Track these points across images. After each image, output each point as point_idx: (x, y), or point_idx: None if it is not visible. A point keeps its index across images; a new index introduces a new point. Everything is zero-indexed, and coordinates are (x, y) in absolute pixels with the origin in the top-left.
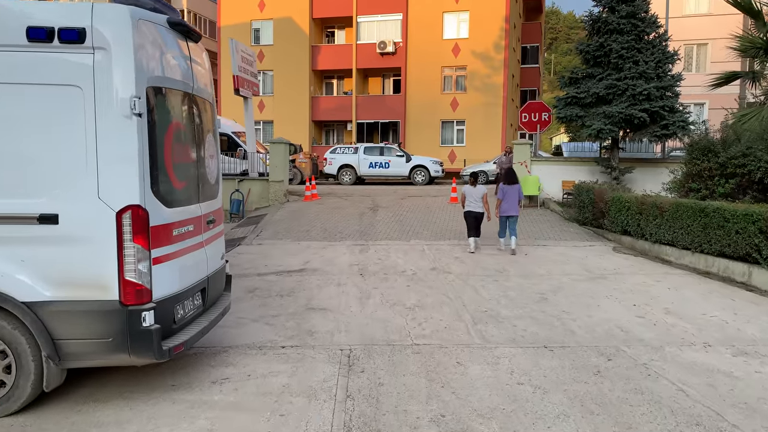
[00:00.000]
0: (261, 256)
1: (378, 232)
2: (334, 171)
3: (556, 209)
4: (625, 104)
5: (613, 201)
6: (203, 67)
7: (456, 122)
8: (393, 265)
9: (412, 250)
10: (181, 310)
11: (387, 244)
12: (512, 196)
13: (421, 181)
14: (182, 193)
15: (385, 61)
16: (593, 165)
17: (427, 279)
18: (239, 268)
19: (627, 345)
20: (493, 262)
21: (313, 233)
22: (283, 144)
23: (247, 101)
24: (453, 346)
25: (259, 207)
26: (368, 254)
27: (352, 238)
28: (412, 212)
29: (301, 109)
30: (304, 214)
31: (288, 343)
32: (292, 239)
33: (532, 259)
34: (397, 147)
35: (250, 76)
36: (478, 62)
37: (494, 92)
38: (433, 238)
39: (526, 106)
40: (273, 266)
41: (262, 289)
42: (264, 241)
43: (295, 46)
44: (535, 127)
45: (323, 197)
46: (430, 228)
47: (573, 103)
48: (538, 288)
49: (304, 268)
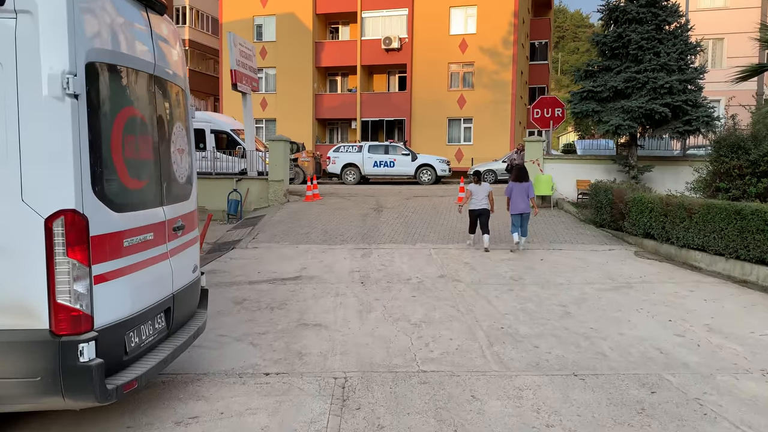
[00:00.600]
0: (255, 262)
1: (382, 235)
2: (337, 170)
3: (571, 210)
4: (645, 98)
5: (635, 202)
6: (171, 45)
7: (463, 120)
8: (397, 272)
9: (418, 254)
10: (136, 337)
11: (391, 248)
12: (522, 193)
13: (427, 180)
14: (138, 195)
15: (391, 58)
16: (609, 163)
17: (435, 288)
18: (229, 275)
19: (670, 372)
20: (507, 269)
21: (313, 236)
22: (283, 142)
23: (245, 97)
24: (466, 373)
25: (258, 207)
26: (371, 259)
27: (353, 241)
28: (417, 213)
29: (304, 106)
30: (305, 215)
31: (273, 368)
32: (290, 242)
33: (548, 265)
34: (402, 145)
35: (249, 70)
36: (485, 58)
37: (503, 89)
38: (441, 241)
39: (538, 101)
40: (267, 273)
41: (252, 301)
42: (260, 245)
43: (298, 43)
44: (547, 124)
45: (325, 197)
46: (438, 230)
47: (589, 98)
48: (558, 299)
49: (300, 276)
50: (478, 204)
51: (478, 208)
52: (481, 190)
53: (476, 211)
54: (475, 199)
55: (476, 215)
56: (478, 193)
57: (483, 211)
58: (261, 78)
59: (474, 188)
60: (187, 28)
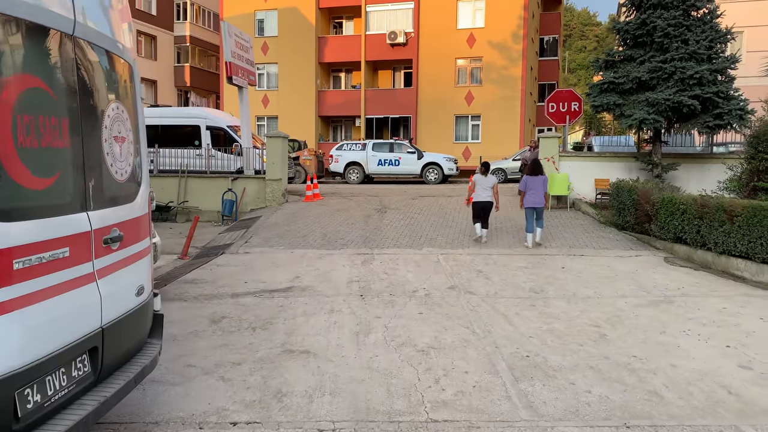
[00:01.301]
0: (243, 269)
1: (385, 239)
2: (340, 169)
3: (589, 211)
4: (673, 90)
5: (664, 203)
6: (109, 4)
7: (471, 117)
8: (401, 282)
9: (424, 260)
10: (37, 394)
11: (395, 253)
12: (537, 187)
13: (433, 179)
14: (42, 196)
15: (396, 53)
16: (631, 161)
17: (445, 303)
18: (212, 286)
19: (750, 423)
20: (526, 278)
21: (311, 239)
22: (281, 138)
23: (242, 91)
24: (488, 424)
25: (255, 208)
26: (372, 266)
27: (354, 245)
28: (424, 214)
29: (307, 103)
30: (303, 216)
31: (244, 415)
32: (285, 246)
33: (572, 273)
34: (408, 143)
35: (246, 63)
36: (494, 53)
37: (512, 85)
38: (450, 245)
39: (553, 94)
40: (254, 283)
41: (232, 319)
42: (252, 249)
43: (301, 38)
44: (563, 119)
45: (326, 197)
46: (446, 233)
47: (609, 90)
48: (589, 317)
49: (291, 286)
50: (482, 196)
51: (483, 201)
52: (486, 182)
53: (480, 203)
54: (479, 190)
55: (480, 207)
56: (482, 183)
57: (487, 204)
58: (263, 74)
59: (479, 179)
60: (188, 24)
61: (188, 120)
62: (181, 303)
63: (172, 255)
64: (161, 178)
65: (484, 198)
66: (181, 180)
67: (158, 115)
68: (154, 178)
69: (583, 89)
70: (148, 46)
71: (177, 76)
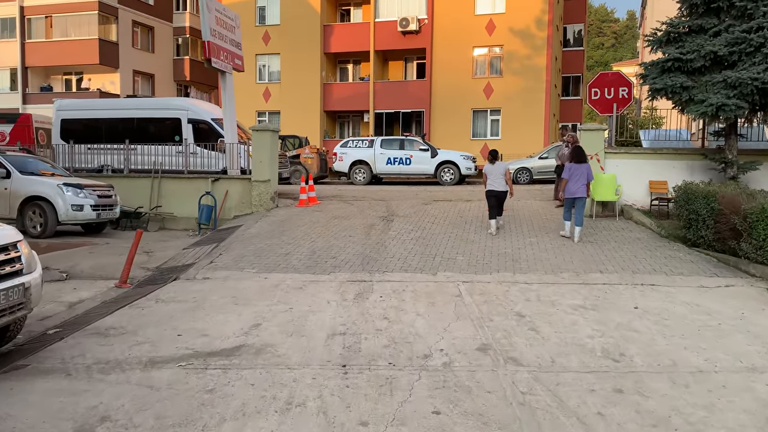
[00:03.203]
0: (188, 310)
1: (389, 258)
2: (345, 168)
3: (645, 221)
4: (761, 67)
5: (763, 215)
6: None
7: (490, 111)
8: (408, 337)
9: (440, 293)
10: None
11: (401, 280)
12: (580, 175)
13: (449, 180)
14: None
15: (408, 42)
16: (695, 158)
17: (476, 387)
18: (128, 341)
19: None
20: (589, 329)
21: (295, 258)
22: (269, 132)
23: (224, 76)
24: None
25: (239, 214)
26: (368, 305)
27: (349, 267)
28: (439, 224)
29: (311, 97)
30: (293, 225)
31: None
32: (259, 269)
33: (651, 319)
34: (420, 140)
35: (230, 44)
36: (516, 41)
37: (536, 76)
38: (473, 267)
39: (597, 78)
40: (191, 337)
41: (114, 425)
42: (215, 273)
43: (305, 27)
44: (609, 107)
45: (324, 201)
46: (467, 249)
47: (674, 69)
48: (723, 420)
49: (242, 345)
50: (494, 185)
51: (496, 190)
52: (496, 170)
53: (494, 192)
54: (491, 180)
55: (493, 197)
56: (492, 172)
57: (501, 193)
58: (264, 66)
59: (489, 169)
60: (188, 15)
61: (168, 112)
62: (57, 381)
63: (113, 280)
64: (132, 179)
65: (497, 187)
66: (155, 181)
67: (134, 106)
68: (124, 179)
69: None
70: (144, 38)
71: (176, 70)
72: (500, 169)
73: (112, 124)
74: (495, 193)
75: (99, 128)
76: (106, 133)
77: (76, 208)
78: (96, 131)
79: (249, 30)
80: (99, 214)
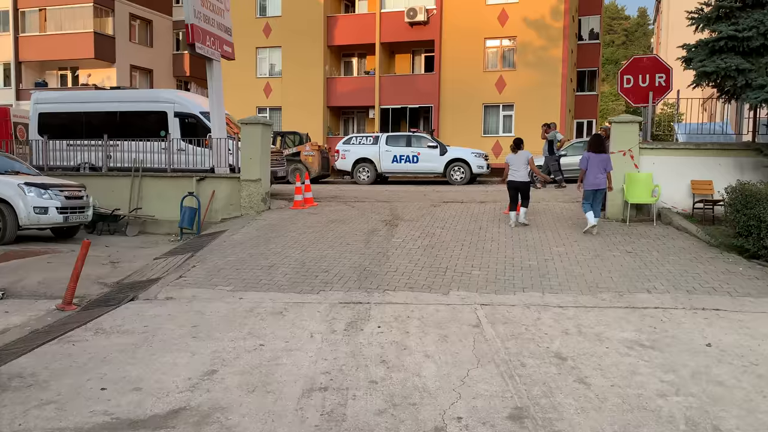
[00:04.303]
0: (126, 348)
1: (392, 271)
2: (348, 167)
3: (688, 227)
4: None
5: None
6: None
7: (502, 106)
8: (411, 396)
9: (454, 322)
10: None
11: (405, 302)
12: (599, 165)
13: (459, 179)
14: None
15: (416, 33)
16: (746, 154)
17: None
18: (30, 401)
19: None
20: (654, 379)
21: (279, 273)
22: (260, 126)
23: (211, 64)
24: None
25: (227, 217)
26: (361, 339)
27: (343, 284)
28: (450, 229)
29: (314, 92)
30: (283, 231)
31: None
32: (234, 286)
33: (735, 361)
34: (429, 136)
35: (219, 29)
36: (530, 32)
37: (551, 69)
38: (493, 285)
39: (629, 63)
40: (113, 396)
41: None
42: (180, 292)
43: (308, 18)
44: (644, 97)
45: (322, 203)
46: (484, 261)
47: (726, 50)
48: None
49: (181, 409)
50: (516, 175)
51: (517, 180)
52: (518, 159)
53: (515, 183)
54: (512, 170)
55: (514, 188)
56: (515, 162)
57: (522, 184)
58: (264, 60)
59: (511, 158)
60: None
61: (153, 105)
62: None
63: (59, 300)
64: (111, 179)
65: (518, 178)
66: (135, 180)
67: (117, 99)
68: (102, 178)
69: (611, 85)
70: (142, 32)
71: (176, 65)
72: (523, 158)
73: (93, 118)
74: (516, 183)
75: (79, 123)
76: (87, 128)
77: (39, 211)
78: (76, 126)
79: (249, 22)
80: (67, 217)
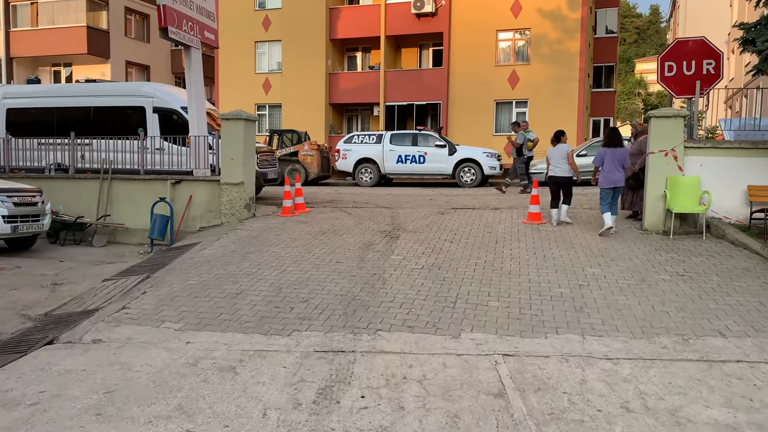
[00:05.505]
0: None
1: (387, 302)
2: (349, 167)
3: (748, 243)
4: None
5: None
6: None
7: (515, 103)
8: None
9: (468, 389)
10: None
11: (402, 351)
12: (616, 162)
13: (470, 181)
14: None
15: (423, 26)
16: None
17: None
18: None
19: None
20: None
21: (246, 303)
22: (242, 121)
23: (188, 52)
24: None
25: (207, 226)
26: (333, 423)
27: (323, 321)
28: (461, 243)
29: (316, 89)
30: (265, 244)
31: None
32: (186, 323)
33: None
34: (436, 134)
35: (199, 12)
36: (545, 24)
37: (568, 62)
38: (518, 323)
39: (671, 48)
40: None
41: None
42: (114, 332)
43: (309, 10)
44: (689, 87)
45: (316, 209)
46: (504, 287)
47: None
48: None
49: None
50: (556, 171)
51: (557, 176)
52: (557, 153)
53: (555, 178)
54: (552, 165)
55: (555, 183)
56: (554, 156)
57: (563, 180)
58: (263, 54)
59: (551, 152)
60: None
61: (130, 99)
62: None
63: None
64: (79, 181)
65: (558, 173)
66: (104, 184)
67: (90, 93)
68: (69, 181)
69: (624, 82)
70: (139, 27)
71: (174, 61)
72: (561, 151)
73: (64, 113)
74: (556, 179)
75: (50, 119)
76: (59, 125)
77: None
78: (47, 122)
79: (247, 15)
80: (16, 227)
